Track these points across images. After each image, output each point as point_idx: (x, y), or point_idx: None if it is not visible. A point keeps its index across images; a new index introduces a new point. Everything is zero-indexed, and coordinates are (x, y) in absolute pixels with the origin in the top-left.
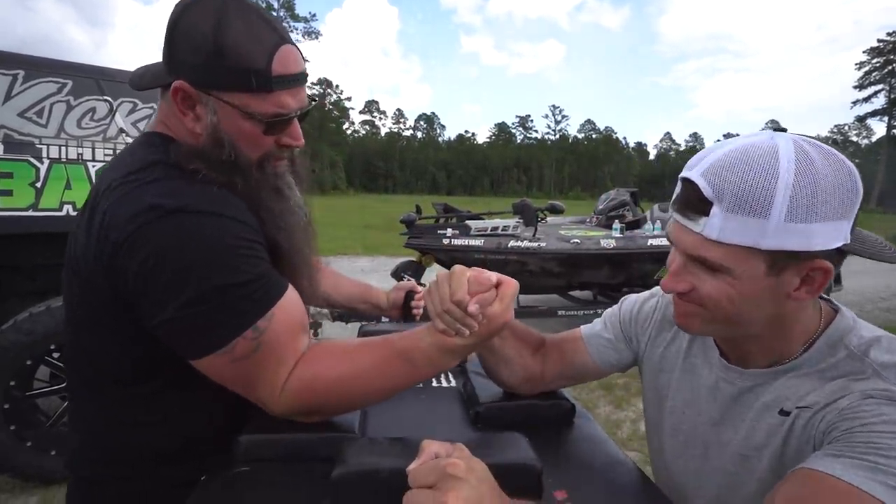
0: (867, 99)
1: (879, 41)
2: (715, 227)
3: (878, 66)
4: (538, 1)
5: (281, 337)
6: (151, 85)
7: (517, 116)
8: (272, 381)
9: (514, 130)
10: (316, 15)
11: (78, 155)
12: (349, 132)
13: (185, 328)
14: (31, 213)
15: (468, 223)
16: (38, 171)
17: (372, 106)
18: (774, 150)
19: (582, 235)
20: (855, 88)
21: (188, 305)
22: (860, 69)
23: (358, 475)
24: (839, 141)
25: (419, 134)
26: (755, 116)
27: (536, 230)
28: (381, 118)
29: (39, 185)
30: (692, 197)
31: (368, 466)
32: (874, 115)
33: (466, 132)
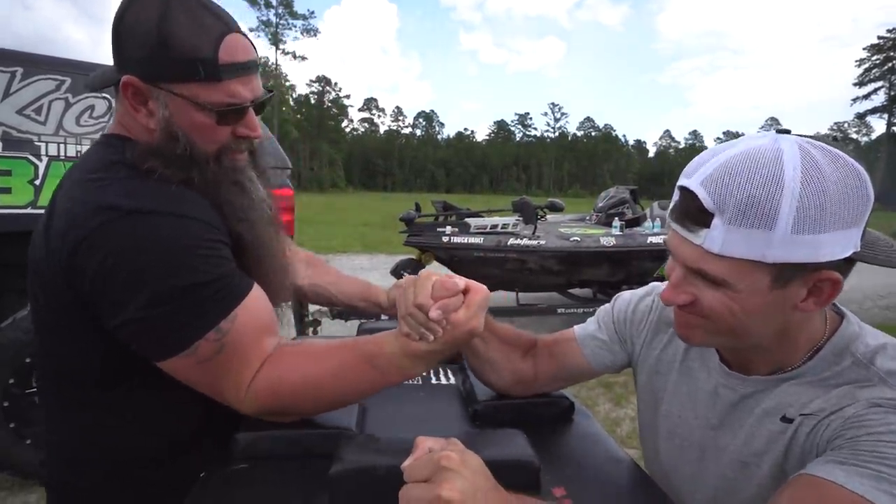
0: (867, 96)
1: (880, 38)
2: (716, 239)
3: (878, 62)
4: None
5: (245, 338)
6: (103, 84)
7: (516, 114)
8: (237, 382)
9: (513, 128)
10: (314, 12)
11: (77, 152)
12: (348, 130)
13: (146, 329)
14: (30, 210)
15: (468, 221)
16: (36, 168)
17: (371, 104)
18: (779, 155)
19: (581, 233)
20: (855, 85)
21: (148, 306)
22: (860, 66)
23: (355, 472)
24: (839, 138)
25: (418, 132)
26: (754, 114)
27: (536, 228)
28: (379, 116)
29: (38, 182)
30: (691, 208)
31: (366, 463)
32: (874, 112)
33: (465, 130)
